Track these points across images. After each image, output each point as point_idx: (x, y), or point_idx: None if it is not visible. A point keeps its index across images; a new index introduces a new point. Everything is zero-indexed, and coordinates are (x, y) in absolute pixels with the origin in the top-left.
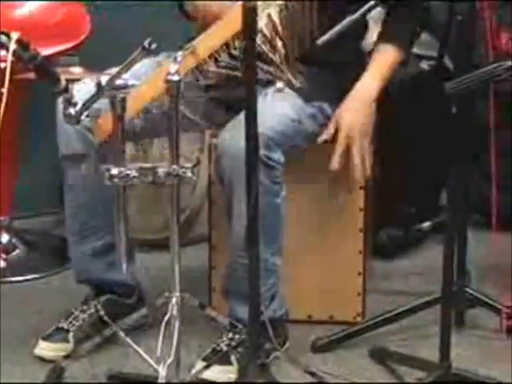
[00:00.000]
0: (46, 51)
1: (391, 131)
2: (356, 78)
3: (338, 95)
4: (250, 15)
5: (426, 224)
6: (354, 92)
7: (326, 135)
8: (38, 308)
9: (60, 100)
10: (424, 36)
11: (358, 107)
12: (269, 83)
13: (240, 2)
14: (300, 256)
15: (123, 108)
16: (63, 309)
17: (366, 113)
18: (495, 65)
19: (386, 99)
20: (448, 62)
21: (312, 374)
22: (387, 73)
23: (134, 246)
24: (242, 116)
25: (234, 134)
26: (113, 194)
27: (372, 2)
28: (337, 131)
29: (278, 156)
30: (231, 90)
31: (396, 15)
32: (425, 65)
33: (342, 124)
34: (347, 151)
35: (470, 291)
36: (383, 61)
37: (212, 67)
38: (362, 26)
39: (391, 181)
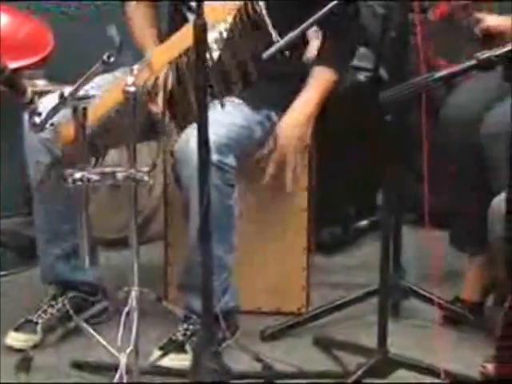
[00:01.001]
0: (13, 65)
1: (331, 137)
2: (299, 87)
3: (284, 104)
4: (200, 32)
5: (364, 222)
6: (291, 111)
7: (266, 149)
8: (4, 303)
9: (26, 111)
10: (361, 49)
11: (294, 125)
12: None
13: None
14: (250, 253)
15: (85, 117)
16: (29, 304)
17: (302, 130)
18: (425, 76)
19: (326, 107)
20: (383, 73)
21: (261, 361)
22: (323, 93)
23: (96, 248)
24: (194, 125)
25: (188, 142)
26: (75, 199)
27: (311, 20)
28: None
29: (230, 160)
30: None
31: (332, 39)
32: (362, 76)
33: (279, 141)
34: (283, 163)
35: (405, 283)
36: (320, 82)
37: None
38: (303, 40)
39: (331, 183)
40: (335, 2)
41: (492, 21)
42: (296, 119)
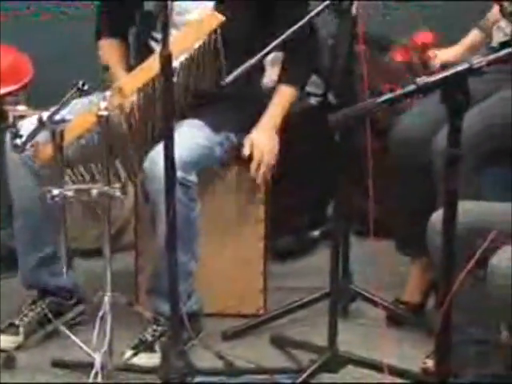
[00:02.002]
0: None
1: (287, 155)
2: (256, 111)
3: (241, 126)
4: (166, 61)
5: (316, 232)
6: (261, 122)
7: (245, 152)
8: None
9: (8, 133)
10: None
11: (265, 134)
12: (183, 117)
13: None
14: (213, 260)
15: (62, 139)
16: (13, 308)
17: (271, 138)
18: (370, 100)
19: (282, 129)
20: (332, 98)
21: (223, 358)
22: (286, 108)
23: (72, 256)
24: (161, 145)
25: (155, 160)
26: (53, 213)
27: (266, 50)
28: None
29: (192, 177)
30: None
31: (293, 60)
32: (313, 100)
33: (255, 147)
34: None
35: (353, 287)
36: (283, 99)
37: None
38: (260, 68)
39: (287, 196)
40: (290, 32)
41: (444, 56)
42: (266, 130)
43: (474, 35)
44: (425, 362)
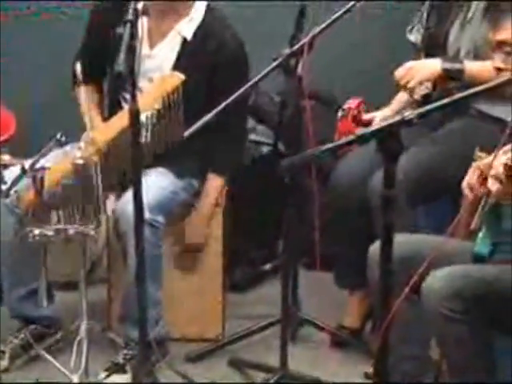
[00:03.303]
0: None
1: (242, 197)
2: None
3: (202, 172)
4: (134, 115)
5: (268, 266)
6: (194, 214)
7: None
8: None
9: None
10: (262, 128)
11: (199, 225)
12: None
13: None
14: (177, 290)
15: (42, 184)
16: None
17: (204, 226)
18: (315, 149)
19: (237, 175)
20: (281, 147)
21: (186, 378)
22: (217, 196)
23: (52, 289)
24: (131, 190)
25: (126, 204)
26: (34, 251)
27: (222, 106)
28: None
29: (159, 218)
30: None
31: (220, 150)
32: (264, 149)
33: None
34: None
35: (301, 315)
36: (213, 188)
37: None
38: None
39: (242, 233)
40: (242, 90)
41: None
42: (199, 220)
43: (401, 96)
44: (369, 368)
